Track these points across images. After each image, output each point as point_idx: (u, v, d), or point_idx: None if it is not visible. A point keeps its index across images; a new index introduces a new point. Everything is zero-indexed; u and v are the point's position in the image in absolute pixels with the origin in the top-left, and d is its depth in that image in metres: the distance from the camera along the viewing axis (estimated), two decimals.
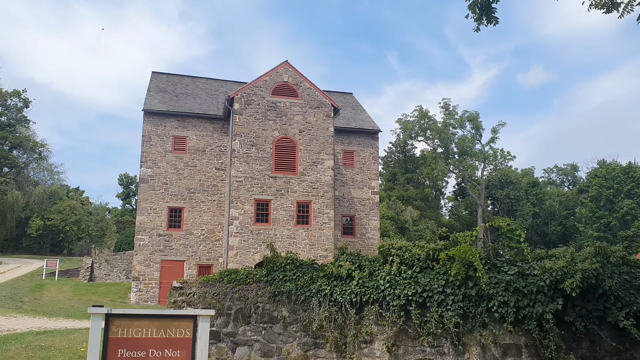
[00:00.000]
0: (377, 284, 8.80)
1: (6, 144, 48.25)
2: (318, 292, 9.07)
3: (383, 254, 9.28)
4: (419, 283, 8.50)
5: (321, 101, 29.14)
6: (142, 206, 29.26)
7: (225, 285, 9.49)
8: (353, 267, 9.20)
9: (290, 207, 27.79)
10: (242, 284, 9.48)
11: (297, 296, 9.18)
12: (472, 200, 73.03)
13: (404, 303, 8.48)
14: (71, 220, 58.85)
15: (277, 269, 9.65)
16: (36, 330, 15.14)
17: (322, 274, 9.32)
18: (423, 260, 8.79)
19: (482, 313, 8.17)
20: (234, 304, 9.21)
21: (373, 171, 32.55)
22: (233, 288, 9.40)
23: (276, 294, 9.27)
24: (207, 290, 9.44)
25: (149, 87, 33.02)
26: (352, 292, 8.85)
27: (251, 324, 9.14)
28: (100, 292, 31.43)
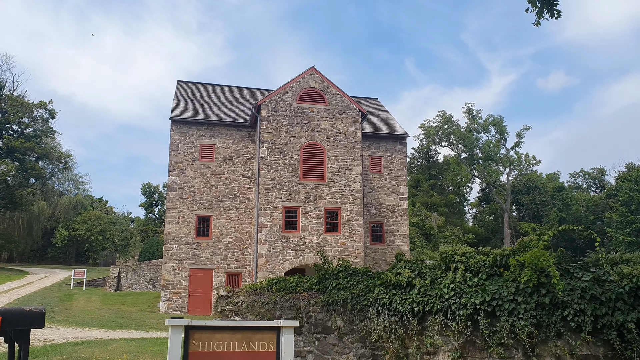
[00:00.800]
0: (440, 292, 8.35)
1: (32, 155, 48.69)
2: (376, 301, 8.66)
3: (445, 260, 8.82)
4: (486, 291, 8.02)
5: (348, 106, 28.80)
6: (171, 215, 29.14)
7: (274, 294, 9.15)
8: (413, 274, 8.78)
9: (319, 214, 27.42)
10: (292, 292, 9.13)
11: (352, 305, 8.78)
12: (497, 206, 71.97)
13: (471, 312, 8.01)
14: (96, 230, 59.29)
15: (328, 276, 9.27)
16: (73, 341, 14.94)
17: (379, 282, 8.91)
18: (489, 266, 8.32)
19: (556, 322, 7.66)
20: (285, 313, 8.86)
21: (401, 177, 32.07)
22: (283, 297, 9.05)
23: (330, 303, 8.89)
24: (256, 299, 9.10)
25: (175, 95, 33.03)
26: (413, 301, 8.41)
27: (303, 335, 8.77)
28: (128, 301, 31.35)
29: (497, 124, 67.60)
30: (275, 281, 9.49)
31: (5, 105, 46.86)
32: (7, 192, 44.22)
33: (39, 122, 48.98)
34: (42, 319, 7.04)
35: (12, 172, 43.57)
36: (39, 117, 48.86)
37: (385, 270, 28.55)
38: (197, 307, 28.40)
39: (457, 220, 71.56)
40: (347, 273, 9.29)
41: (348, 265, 9.58)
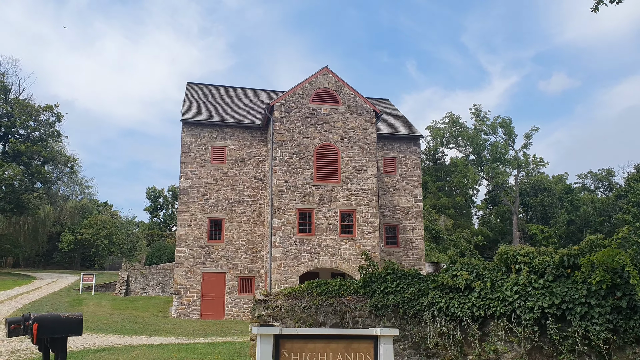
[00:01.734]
0: (502, 295, 7.86)
1: (38, 159, 48.29)
2: (431, 305, 8.18)
3: (505, 261, 8.33)
4: (554, 293, 7.53)
5: (362, 107, 28.36)
6: (183, 217, 28.70)
7: (315, 297, 8.67)
8: (471, 276, 8.28)
9: (334, 217, 26.95)
10: (336, 296, 8.65)
11: (404, 310, 8.30)
12: (505, 208, 71.42)
13: (538, 316, 7.53)
14: (102, 234, 58.82)
15: (375, 279, 8.79)
16: (92, 347, 14.47)
17: (433, 285, 8.43)
18: (555, 267, 7.83)
19: (635, 327, 7.17)
20: (328, 318, 8.38)
21: (415, 178, 31.59)
22: (326, 301, 8.57)
23: (378, 308, 8.42)
24: (296, 304, 8.62)
25: (185, 97, 32.63)
26: (473, 305, 7.92)
27: None
28: (139, 306, 30.86)
29: (505, 125, 67.12)
30: (316, 284, 9.00)
31: (11, 109, 46.52)
32: (13, 197, 43.81)
33: (45, 125, 48.61)
34: (79, 327, 6.56)
35: (18, 176, 43.16)
36: (45, 120, 48.50)
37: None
38: (210, 312, 27.92)
39: (464, 222, 71.04)
40: (395, 276, 8.80)
41: (396, 267, 9.08)
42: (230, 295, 28.41)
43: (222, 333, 20.39)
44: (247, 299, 28.54)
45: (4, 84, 47.27)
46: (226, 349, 13.78)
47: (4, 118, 46.58)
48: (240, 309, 28.32)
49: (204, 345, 14.69)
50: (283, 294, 9.04)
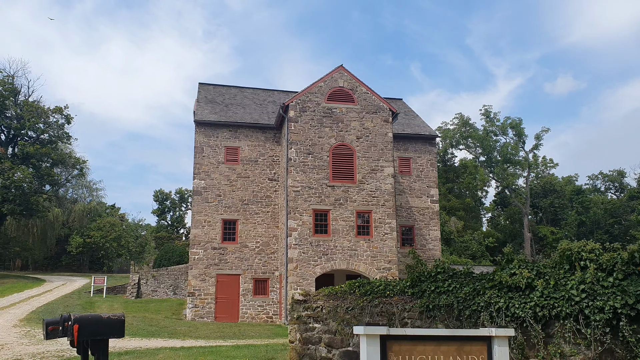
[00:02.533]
0: (567, 294, 7.43)
1: (47, 161, 48.06)
2: (488, 306, 7.76)
3: (568, 258, 7.90)
4: (627, 292, 7.10)
5: (378, 106, 27.97)
6: (196, 219, 28.34)
7: (358, 298, 8.26)
8: (532, 275, 7.85)
9: (350, 218, 26.54)
10: (381, 296, 8.24)
11: (459, 311, 7.89)
12: (515, 210, 70.85)
13: (610, 317, 7.10)
14: (111, 237, 58.57)
15: (424, 279, 8.37)
16: (112, 350, 14.07)
17: (490, 284, 7.99)
18: (624, 264, 7.40)
19: None
20: (374, 320, 7.97)
21: (432, 178, 31.16)
22: (371, 302, 8.16)
23: (430, 309, 8.01)
24: (338, 304, 8.21)
25: (198, 98, 32.33)
26: (536, 305, 7.50)
27: None
28: (152, 309, 30.54)
29: (515, 126, 66.57)
30: (358, 284, 8.60)
31: (20, 111, 46.34)
32: (23, 199, 43.56)
33: (54, 127, 48.40)
34: (121, 328, 6.18)
35: (28, 178, 42.93)
36: (55, 122, 48.28)
37: None
38: (225, 314, 27.54)
39: (474, 224, 70.53)
40: (446, 275, 8.38)
41: (447, 266, 8.65)
42: (245, 298, 28.02)
43: (240, 336, 19.99)
44: (261, 301, 28.15)
45: (13, 86, 47.10)
46: (252, 352, 13.39)
47: (13, 120, 46.41)
48: (254, 311, 27.93)
49: (228, 348, 14.30)
50: (322, 294, 8.63)
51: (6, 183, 42.30)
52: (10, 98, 46.59)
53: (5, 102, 45.66)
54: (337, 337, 7.99)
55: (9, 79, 46.76)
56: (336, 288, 8.67)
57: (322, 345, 8.08)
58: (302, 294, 8.71)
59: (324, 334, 8.11)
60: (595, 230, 71.75)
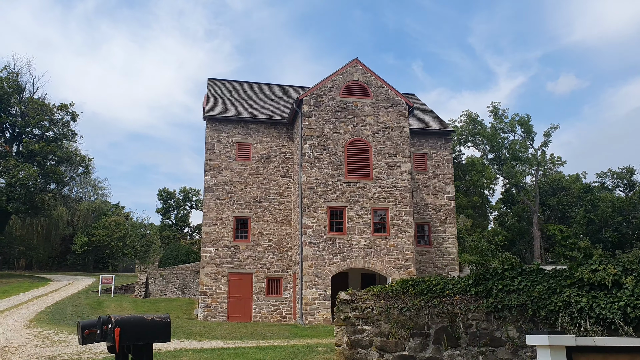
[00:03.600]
0: None
1: (53, 159, 47.39)
2: (568, 305, 7.07)
3: None
4: None
5: (395, 100, 27.29)
6: (208, 216, 27.69)
7: (413, 297, 7.59)
8: (618, 271, 7.17)
9: (366, 215, 25.87)
10: (439, 296, 7.57)
11: (534, 311, 7.21)
12: (523, 208, 70.09)
13: None
14: (116, 236, 57.89)
15: (490, 276, 7.68)
16: None
17: (568, 281, 7.31)
18: None
19: None
20: (433, 321, 7.33)
21: (447, 175, 30.46)
22: (429, 302, 7.49)
23: (498, 309, 7.33)
24: (391, 304, 7.54)
25: (208, 93, 31.68)
26: (626, 305, 6.83)
27: (461, 347, 7.21)
28: (161, 308, 29.88)
29: (523, 123, 65.84)
30: (412, 283, 7.92)
31: (25, 108, 45.67)
32: (28, 197, 42.90)
33: (59, 125, 47.72)
34: (167, 331, 5.51)
35: (33, 176, 42.26)
36: (60, 120, 47.61)
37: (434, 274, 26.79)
38: (237, 314, 26.89)
39: (482, 222, 69.81)
40: (515, 272, 7.68)
41: (515, 262, 7.96)
42: (258, 297, 27.38)
43: (258, 336, 19.33)
44: (275, 300, 27.50)
45: (18, 83, 46.43)
46: (278, 354, 12.73)
47: (18, 117, 45.76)
48: (268, 311, 27.28)
49: (252, 350, 13.64)
50: (371, 294, 7.96)
51: (11, 181, 41.64)
52: (15, 95, 45.93)
53: (9, 99, 45.01)
54: (390, 341, 7.33)
55: (14, 75, 46.10)
56: (386, 287, 7.99)
57: (373, 349, 7.42)
58: (349, 293, 8.04)
59: (375, 336, 7.46)
60: (604, 229, 71.01)
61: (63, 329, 18.56)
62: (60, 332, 17.48)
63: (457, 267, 29.40)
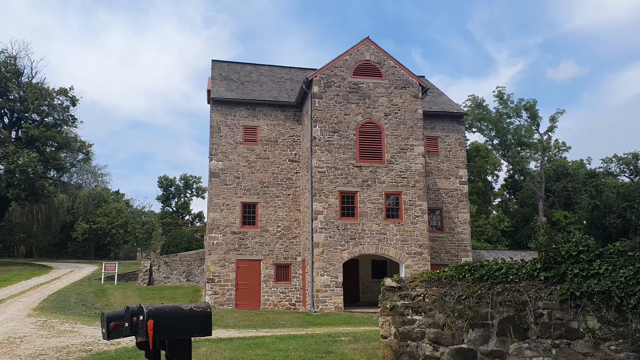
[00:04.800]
0: None
1: (53, 145, 46.39)
2: None
3: None
4: None
5: (407, 80, 26.37)
6: (214, 202, 26.87)
7: (472, 284, 6.80)
8: None
9: (379, 200, 25.07)
10: (503, 282, 6.77)
11: (621, 299, 6.41)
12: (527, 194, 69.37)
13: None
14: (117, 223, 57.06)
15: (561, 259, 6.86)
16: None
17: None
18: None
19: None
20: (497, 310, 6.55)
21: (460, 159, 29.62)
22: (491, 288, 6.70)
23: (576, 296, 6.53)
24: (446, 292, 6.75)
25: (212, 75, 30.70)
26: None
27: (530, 340, 6.44)
28: (167, 296, 29.19)
29: (529, 108, 64.88)
30: (469, 268, 7.11)
31: (24, 93, 44.58)
32: (28, 184, 41.99)
33: (58, 110, 46.65)
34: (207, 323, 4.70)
35: (33, 162, 41.31)
36: (59, 105, 46.54)
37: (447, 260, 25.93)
38: (246, 301, 26.18)
39: (486, 209, 69.12)
40: (592, 254, 6.86)
41: (591, 243, 7.12)
42: (266, 284, 26.65)
43: (271, 325, 18.63)
44: (283, 287, 26.78)
45: (16, 67, 45.32)
46: (300, 344, 11.99)
47: (16, 102, 44.66)
48: (277, 298, 26.58)
49: (272, 339, 12.90)
50: (420, 280, 7.15)
51: (10, 167, 40.71)
52: (13, 80, 44.81)
53: (7, 83, 43.91)
54: (446, 332, 6.56)
55: (11, 59, 44.97)
56: (437, 273, 7.18)
57: (425, 341, 6.66)
58: (396, 280, 7.24)
59: (427, 327, 6.69)
60: (608, 215, 70.42)
61: (68, 318, 17.83)
62: (65, 321, 16.73)
63: (469, 253, 28.69)
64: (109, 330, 4.45)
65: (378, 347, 11.68)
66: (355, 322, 20.13)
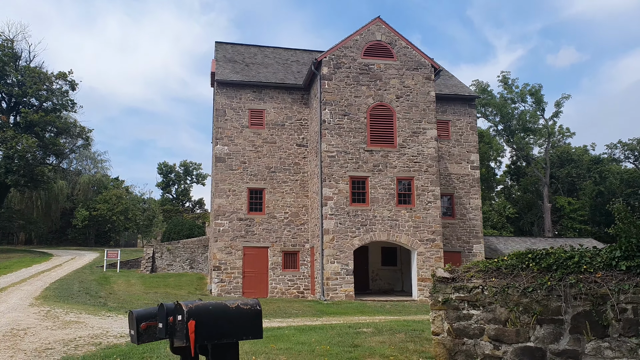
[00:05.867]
0: None
1: (52, 130, 45.45)
2: None
3: None
4: None
5: (420, 62, 25.50)
6: (220, 188, 26.09)
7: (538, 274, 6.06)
8: None
9: (390, 185, 24.31)
10: (575, 272, 6.04)
11: None
12: (531, 180, 68.65)
13: None
14: (118, 210, 56.25)
15: None
16: None
17: None
18: None
19: None
20: (570, 305, 5.81)
21: (472, 143, 28.82)
22: (562, 279, 5.96)
23: None
24: (509, 283, 6.01)
25: (216, 57, 29.78)
26: None
27: (611, 338, 5.71)
28: (171, 284, 28.56)
29: (534, 93, 63.89)
30: (533, 256, 6.33)
31: (22, 77, 43.57)
32: (27, 170, 41.14)
33: (57, 94, 45.65)
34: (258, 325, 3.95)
35: (32, 147, 40.42)
36: (58, 89, 45.53)
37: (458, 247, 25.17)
38: (253, 289, 25.53)
39: (489, 195, 68.49)
40: None
41: None
42: (274, 272, 25.98)
43: (283, 314, 17.97)
44: (291, 275, 26.12)
45: (14, 51, 44.25)
46: (322, 336, 11.30)
47: (14, 87, 43.64)
48: (285, 286, 25.92)
49: (292, 331, 12.20)
50: (476, 270, 6.40)
51: (9, 153, 39.84)
52: (11, 63, 43.74)
53: (5, 67, 42.85)
54: (509, 329, 5.83)
55: (9, 43, 43.88)
56: (495, 262, 6.41)
57: (485, 338, 5.94)
58: (448, 270, 6.50)
59: (487, 323, 5.97)
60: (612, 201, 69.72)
61: (73, 308, 17.11)
62: (70, 311, 16.01)
63: (481, 240, 28.01)
64: (139, 332, 3.71)
65: (405, 339, 11.00)
66: (369, 311, 19.49)
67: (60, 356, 9.30)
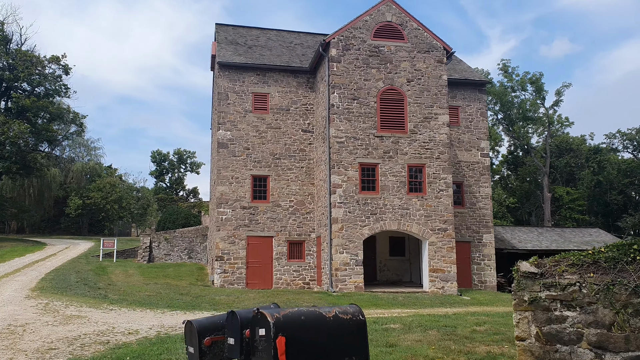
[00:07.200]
0: None
1: (45, 116, 44.10)
2: None
3: None
4: None
5: (431, 44, 24.49)
6: (223, 175, 25.06)
7: None
8: None
9: (401, 172, 23.37)
10: None
11: None
12: (529, 170, 68.00)
13: None
14: (112, 199, 55.00)
15: None
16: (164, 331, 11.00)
17: None
18: None
19: None
20: None
21: (482, 130, 27.90)
22: None
23: None
24: (613, 280, 5.08)
25: (217, 38, 28.62)
26: None
27: None
28: (171, 274, 27.58)
29: (535, 82, 63.05)
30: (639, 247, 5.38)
31: (13, 61, 42.16)
32: (20, 156, 39.88)
33: (50, 79, 44.27)
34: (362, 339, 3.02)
35: (24, 133, 39.12)
36: (51, 74, 44.12)
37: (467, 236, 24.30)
38: (257, 280, 24.59)
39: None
40: None
41: None
42: (279, 262, 25.04)
43: (294, 306, 16.96)
44: (297, 265, 25.20)
45: (4, 33, 42.78)
46: None
47: (5, 71, 42.22)
48: (290, 277, 25.01)
49: None
50: (567, 264, 5.44)
51: (0, 139, 38.53)
52: (1, 46, 42.30)
53: None
54: (615, 335, 4.90)
55: None
56: (592, 254, 5.45)
57: (583, 345, 5.02)
58: (534, 263, 5.55)
59: (586, 327, 5.04)
60: (609, 191, 69.36)
61: (72, 300, 16.12)
62: (70, 304, 15.03)
63: (491, 229, 27.22)
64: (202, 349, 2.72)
65: (440, 337, 10.13)
66: (382, 303, 18.63)
67: (66, 358, 8.32)
